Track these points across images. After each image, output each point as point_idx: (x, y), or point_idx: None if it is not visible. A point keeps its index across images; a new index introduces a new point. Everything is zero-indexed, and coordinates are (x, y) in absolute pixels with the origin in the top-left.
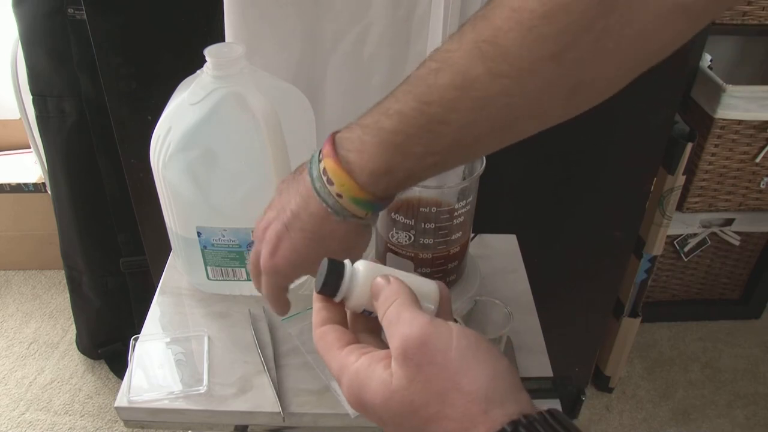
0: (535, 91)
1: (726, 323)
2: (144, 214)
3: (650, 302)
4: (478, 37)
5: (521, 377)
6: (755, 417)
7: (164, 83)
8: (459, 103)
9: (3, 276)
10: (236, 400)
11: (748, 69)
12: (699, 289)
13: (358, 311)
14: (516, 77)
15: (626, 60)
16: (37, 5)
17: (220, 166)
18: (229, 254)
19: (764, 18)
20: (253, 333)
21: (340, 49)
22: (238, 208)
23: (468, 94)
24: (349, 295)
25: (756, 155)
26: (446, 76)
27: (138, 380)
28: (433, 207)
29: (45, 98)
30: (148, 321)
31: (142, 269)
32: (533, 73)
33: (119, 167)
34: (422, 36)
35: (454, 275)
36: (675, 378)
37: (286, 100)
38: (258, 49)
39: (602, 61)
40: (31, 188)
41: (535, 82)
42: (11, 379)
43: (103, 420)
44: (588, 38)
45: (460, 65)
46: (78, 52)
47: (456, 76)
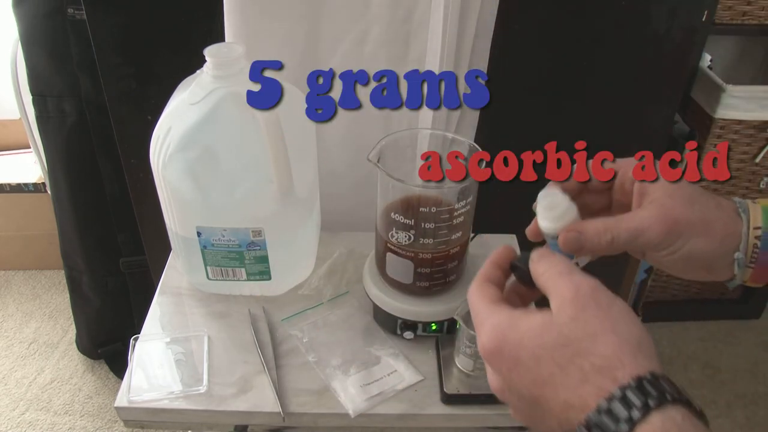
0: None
1: (726, 323)
2: (144, 214)
3: (650, 302)
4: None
5: None
6: (755, 417)
7: (164, 83)
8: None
9: (3, 276)
10: (236, 400)
11: (748, 69)
12: (699, 289)
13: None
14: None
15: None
16: (37, 5)
17: (220, 166)
18: (229, 254)
19: (764, 18)
20: (252, 333)
21: (340, 49)
22: (238, 208)
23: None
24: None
25: (756, 155)
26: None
27: (138, 380)
28: (433, 207)
29: (45, 98)
30: (148, 321)
31: (142, 269)
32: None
33: (119, 167)
34: (422, 36)
35: (454, 275)
36: (675, 378)
37: (286, 100)
38: (258, 49)
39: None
40: (31, 188)
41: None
42: (11, 379)
43: (103, 420)
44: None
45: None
46: (78, 52)
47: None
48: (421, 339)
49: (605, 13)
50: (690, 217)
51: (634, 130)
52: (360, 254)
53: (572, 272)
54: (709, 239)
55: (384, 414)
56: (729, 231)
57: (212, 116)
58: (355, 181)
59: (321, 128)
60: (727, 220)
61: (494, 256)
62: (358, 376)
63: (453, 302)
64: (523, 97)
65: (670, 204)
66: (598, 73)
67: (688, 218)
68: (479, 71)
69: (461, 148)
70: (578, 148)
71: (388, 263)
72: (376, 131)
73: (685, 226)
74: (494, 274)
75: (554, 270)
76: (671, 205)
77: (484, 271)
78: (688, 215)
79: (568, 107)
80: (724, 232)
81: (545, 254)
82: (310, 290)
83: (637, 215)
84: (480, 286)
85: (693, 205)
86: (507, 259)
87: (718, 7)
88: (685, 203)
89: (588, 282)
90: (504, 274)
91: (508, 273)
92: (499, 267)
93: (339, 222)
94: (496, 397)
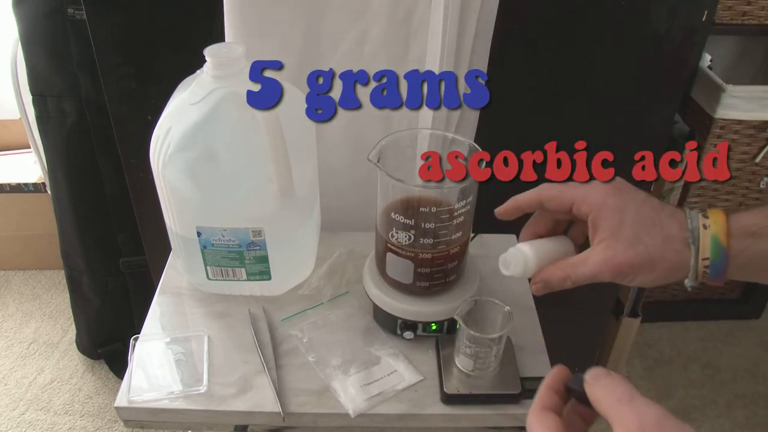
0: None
1: (726, 323)
2: (144, 214)
3: (650, 302)
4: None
5: (521, 377)
6: (755, 417)
7: (164, 83)
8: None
9: (3, 276)
10: (236, 400)
11: (748, 69)
12: (699, 289)
13: None
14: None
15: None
16: (37, 5)
17: (220, 166)
18: (229, 254)
19: (764, 18)
20: (252, 333)
21: (340, 49)
22: (238, 208)
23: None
24: None
25: (756, 155)
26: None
27: (138, 380)
28: (433, 207)
29: (45, 98)
30: (148, 321)
31: (142, 269)
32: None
33: (119, 167)
34: (422, 36)
35: (454, 275)
36: (675, 378)
37: (286, 100)
38: (258, 49)
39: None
40: (31, 188)
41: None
42: (11, 379)
43: (103, 420)
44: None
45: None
46: (78, 52)
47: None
48: (421, 339)
49: (605, 13)
50: (633, 261)
51: (634, 130)
52: (360, 254)
53: (632, 399)
54: (655, 275)
55: (384, 414)
56: (675, 265)
57: (212, 116)
58: (355, 181)
59: (321, 128)
60: (674, 255)
61: (549, 380)
62: (358, 376)
63: (453, 302)
64: (523, 97)
65: (615, 248)
66: (598, 73)
67: (632, 262)
68: (479, 71)
69: (461, 148)
70: (578, 148)
71: (388, 263)
72: (376, 131)
73: (629, 269)
74: (551, 400)
75: (612, 396)
76: (615, 250)
77: (541, 397)
78: (631, 259)
79: (568, 107)
80: (670, 267)
81: (599, 376)
82: (310, 290)
83: (589, 261)
84: (539, 417)
85: (637, 247)
86: (562, 381)
87: (718, 7)
88: (629, 245)
89: (652, 411)
90: (561, 398)
91: (565, 395)
92: (555, 391)
93: (339, 222)
94: (496, 397)
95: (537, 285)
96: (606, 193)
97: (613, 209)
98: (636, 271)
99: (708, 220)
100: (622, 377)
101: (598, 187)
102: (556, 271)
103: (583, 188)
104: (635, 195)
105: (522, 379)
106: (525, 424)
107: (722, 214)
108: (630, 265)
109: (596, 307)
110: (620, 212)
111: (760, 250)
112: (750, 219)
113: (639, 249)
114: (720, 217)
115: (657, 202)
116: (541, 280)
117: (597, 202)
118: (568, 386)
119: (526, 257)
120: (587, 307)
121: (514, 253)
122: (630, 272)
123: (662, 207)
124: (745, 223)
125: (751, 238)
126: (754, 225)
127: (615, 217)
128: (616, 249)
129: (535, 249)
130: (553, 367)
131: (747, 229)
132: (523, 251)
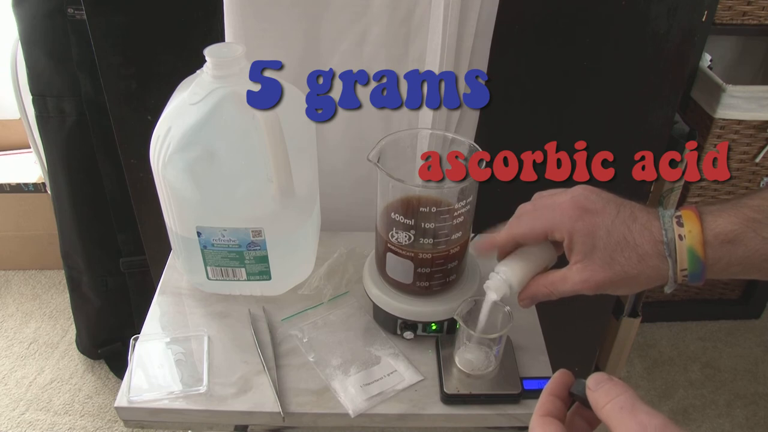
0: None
1: (726, 323)
2: (144, 214)
3: (650, 302)
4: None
5: (521, 377)
6: (755, 417)
7: (164, 83)
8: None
9: (3, 276)
10: (236, 400)
11: (748, 69)
12: (699, 289)
13: None
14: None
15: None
16: (37, 5)
17: (220, 166)
18: (229, 254)
19: (764, 18)
20: (252, 333)
21: (340, 49)
22: (238, 208)
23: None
24: None
25: (756, 155)
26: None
27: (138, 380)
28: (433, 207)
29: (45, 98)
30: (148, 321)
31: (142, 269)
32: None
33: (119, 167)
34: (422, 36)
35: (454, 275)
36: (675, 378)
37: (286, 100)
38: (258, 49)
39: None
40: (31, 188)
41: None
42: (11, 379)
43: (103, 420)
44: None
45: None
46: (78, 52)
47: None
48: (421, 339)
49: (605, 13)
50: (612, 278)
51: (634, 130)
52: (360, 254)
53: (635, 407)
54: (635, 287)
55: (384, 414)
56: (654, 278)
57: (212, 116)
58: (355, 180)
59: (321, 128)
60: (651, 271)
61: (551, 385)
62: (358, 376)
63: (453, 302)
64: (523, 97)
65: (592, 268)
66: (598, 73)
67: (610, 279)
68: (479, 71)
69: (461, 148)
70: (578, 148)
71: (388, 263)
72: (376, 131)
73: (609, 285)
74: (554, 406)
75: (615, 404)
76: (592, 270)
77: (543, 403)
78: (610, 277)
79: (568, 107)
80: (648, 280)
81: (601, 381)
82: (310, 290)
83: (568, 280)
84: (542, 424)
85: (613, 267)
86: (565, 387)
87: (718, 7)
88: (605, 264)
89: (654, 421)
90: (564, 403)
91: (568, 401)
92: (558, 397)
93: (339, 222)
94: (496, 397)
95: (524, 302)
96: (573, 217)
97: (584, 234)
98: (616, 286)
99: (683, 229)
100: (624, 383)
101: (565, 211)
102: (539, 288)
103: (551, 218)
104: (604, 212)
105: (522, 379)
106: (525, 425)
107: (697, 221)
108: (610, 283)
109: (596, 307)
110: (591, 236)
111: (738, 256)
112: (725, 224)
113: (616, 269)
114: (695, 225)
115: (628, 213)
116: (527, 297)
117: (567, 229)
118: (570, 391)
119: (509, 282)
120: (587, 307)
121: (497, 280)
122: (610, 287)
123: (634, 220)
124: (721, 230)
125: (728, 245)
126: (730, 232)
127: (587, 242)
128: (593, 269)
129: (515, 271)
130: (556, 372)
131: (723, 237)
132: (506, 278)
